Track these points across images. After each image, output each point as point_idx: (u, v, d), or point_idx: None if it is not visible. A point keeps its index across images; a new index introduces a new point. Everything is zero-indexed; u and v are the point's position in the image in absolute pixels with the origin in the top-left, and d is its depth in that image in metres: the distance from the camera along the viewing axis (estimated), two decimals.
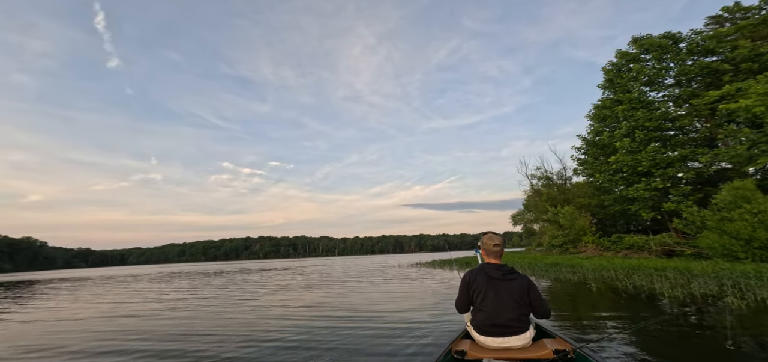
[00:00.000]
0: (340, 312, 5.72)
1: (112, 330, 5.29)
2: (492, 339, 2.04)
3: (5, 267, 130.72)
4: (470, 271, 2.24)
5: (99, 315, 6.98)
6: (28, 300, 11.36)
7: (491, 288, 2.08)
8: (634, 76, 16.93)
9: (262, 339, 4.22)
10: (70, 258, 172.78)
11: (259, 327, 4.87)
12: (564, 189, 23.89)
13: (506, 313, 2.01)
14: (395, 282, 10.65)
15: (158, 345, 4.16)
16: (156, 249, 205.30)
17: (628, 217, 19.07)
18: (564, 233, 17.89)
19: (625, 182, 16.10)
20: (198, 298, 8.68)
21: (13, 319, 7.10)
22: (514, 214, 37.54)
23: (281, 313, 5.85)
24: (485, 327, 2.07)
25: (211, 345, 4.02)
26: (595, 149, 19.20)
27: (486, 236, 2.31)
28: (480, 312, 2.10)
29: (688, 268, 7.21)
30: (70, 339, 4.76)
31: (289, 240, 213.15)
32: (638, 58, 17.36)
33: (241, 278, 16.39)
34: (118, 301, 9.27)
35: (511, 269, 2.16)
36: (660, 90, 16.67)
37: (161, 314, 6.44)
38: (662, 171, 14.15)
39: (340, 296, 7.92)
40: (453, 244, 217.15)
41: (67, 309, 8.06)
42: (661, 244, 12.38)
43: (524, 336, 2.02)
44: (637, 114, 15.82)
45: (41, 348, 4.28)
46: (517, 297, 2.05)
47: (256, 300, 7.72)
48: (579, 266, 10.10)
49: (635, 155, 15.13)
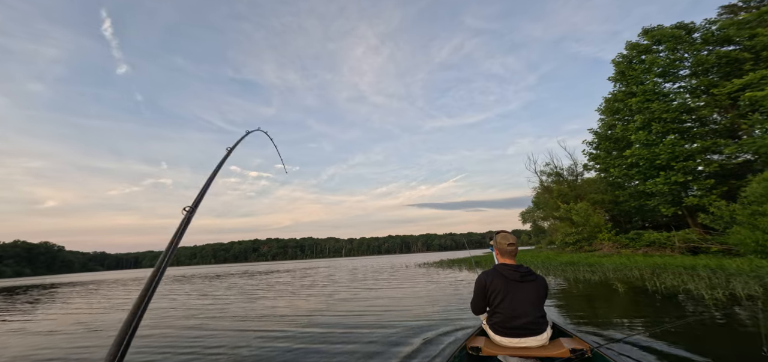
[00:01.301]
0: (355, 313, 5.52)
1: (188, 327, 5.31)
2: (509, 339, 2.05)
3: (25, 271, 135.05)
4: (485, 273, 2.23)
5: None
6: (71, 299, 12.04)
7: (509, 290, 2.08)
8: (646, 67, 16.39)
9: (278, 337, 4.23)
10: (87, 262, 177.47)
11: (275, 329, 4.70)
12: (575, 185, 23.28)
13: (525, 315, 2.03)
14: (406, 282, 10.40)
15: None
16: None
17: (645, 213, 18.40)
18: (577, 230, 17.33)
19: (642, 177, 15.49)
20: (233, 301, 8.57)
21: (68, 314, 7.50)
22: (523, 211, 36.84)
23: (296, 314, 5.69)
24: (502, 328, 2.08)
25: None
26: (607, 143, 18.61)
27: (500, 235, 2.28)
28: (497, 313, 2.10)
29: (722, 266, 6.76)
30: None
31: (296, 242, 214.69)
32: (650, 50, 16.87)
33: (266, 280, 16.39)
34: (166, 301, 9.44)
35: (529, 270, 2.15)
36: (675, 81, 16.03)
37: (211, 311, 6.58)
38: (682, 164, 13.53)
39: (353, 298, 7.71)
40: (460, 243, 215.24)
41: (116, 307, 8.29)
42: (685, 240, 11.80)
43: (542, 337, 2.03)
44: (652, 106, 15.26)
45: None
46: (535, 299, 2.07)
47: (273, 301, 7.56)
48: (598, 264, 9.67)
49: (652, 147, 14.54)
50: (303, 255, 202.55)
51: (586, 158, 21.01)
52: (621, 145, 18.00)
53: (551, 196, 23.49)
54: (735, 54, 14.14)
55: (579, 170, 23.68)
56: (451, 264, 19.47)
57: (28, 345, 4.67)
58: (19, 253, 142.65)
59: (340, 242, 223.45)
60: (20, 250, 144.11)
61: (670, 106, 14.84)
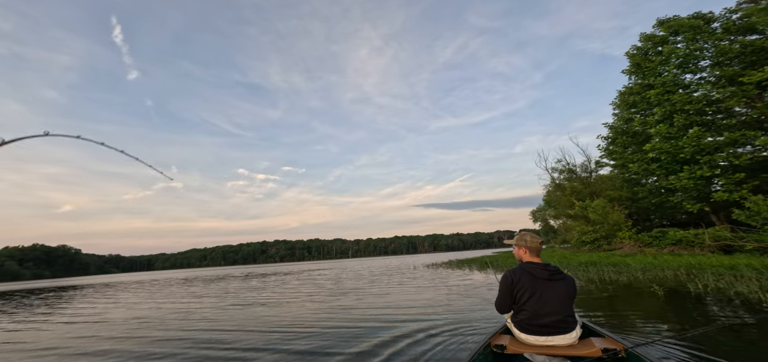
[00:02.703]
0: (369, 314, 5.26)
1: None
2: (535, 337, 2.02)
3: (44, 274, 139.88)
4: (511, 271, 2.19)
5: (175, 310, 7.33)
6: (97, 299, 12.33)
7: (538, 288, 2.05)
8: (664, 58, 15.77)
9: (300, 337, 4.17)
10: (103, 264, 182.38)
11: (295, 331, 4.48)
12: (589, 182, 22.58)
13: (553, 313, 1.99)
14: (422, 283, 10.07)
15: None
16: (179, 254, 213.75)
17: (665, 210, 17.62)
18: (594, 228, 16.66)
19: (664, 172, 14.77)
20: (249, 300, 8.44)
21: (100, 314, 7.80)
22: (534, 210, 35.97)
23: (311, 317, 5.46)
24: (528, 326, 2.05)
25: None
26: (624, 138, 17.92)
27: (528, 234, 2.25)
28: (523, 311, 2.08)
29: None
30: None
31: (303, 244, 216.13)
32: (666, 41, 16.30)
33: (279, 280, 16.33)
34: (195, 299, 9.80)
35: (558, 269, 2.12)
36: (696, 72, 15.33)
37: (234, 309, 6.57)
38: (709, 157, 12.80)
39: (365, 298, 7.44)
40: (468, 243, 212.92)
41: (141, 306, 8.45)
42: (716, 238, 11.11)
43: (570, 336, 2.00)
44: (673, 97, 14.58)
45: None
46: (565, 298, 2.03)
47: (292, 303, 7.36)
48: (623, 264, 9.14)
49: (675, 141, 13.83)
50: (310, 257, 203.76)
51: (600, 153, 20.47)
52: (639, 139, 17.32)
53: (564, 193, 22.81)
54: (761, 42, 13.42)
55: (592, 167, 23.02)
56: (460, 265, 19.03)
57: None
58: (39, 256, 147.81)
59: (346, 243, 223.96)
60: (39, 253, 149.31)
61: (692, 97, 14.16)
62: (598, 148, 20.05)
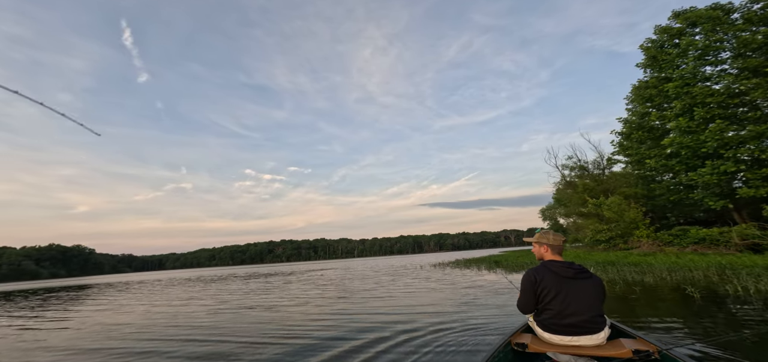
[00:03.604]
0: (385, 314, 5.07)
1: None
2: (560, 337, 1.96)
3: (60, 273, 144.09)
4: (533, 269, 2.12)
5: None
6: (119, 297, 12.55)
7: (563, 286, 1.99)
8: (682, 50, 15.20)
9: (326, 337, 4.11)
10: (116, 264, 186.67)
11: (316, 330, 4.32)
12: (601, 179, 21.97)
13: (579, 313, 1.93)
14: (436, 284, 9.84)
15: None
16: (189, 254, 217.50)
17: (683, 207, 16.97)
18: (610, 227, 16.12)
19: (684, 167, 14.17)
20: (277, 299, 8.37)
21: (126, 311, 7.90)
22: (544, 208, 35.24)
23: (329, 314, 5.31)
24: (553, 325, 1.99)
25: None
26: (640, 133, 17.30)
27: (550, 232, 2.22)
28: (547, 310, 2.02)
29: None
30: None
31: (309, 243, 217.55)
32: (683, 33, 15.71)
33: (282, 280, 16.33)
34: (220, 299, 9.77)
35: (583, 268, 2.05)
36: (717, 64, 14.69)
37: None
38: (733, 152, 12.19)
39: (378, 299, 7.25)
40: (474, 242, 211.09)
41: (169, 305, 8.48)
42: (743, 236, 10.55)
43: (599, 336, 1.92)
44: (693, 90, 13.99)
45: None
46: (593, 298, 1.97)
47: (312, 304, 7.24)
48: (645, 264, 8.73)
49: (696, 135, 13.24)
50: (316, 256, 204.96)
51: (613, 149, 19.87)
52: (656, 134, 16.72)
53: (576, 191, 22.23)
54: None
55: (604, 164, 22.41)
56: (468, 264, 18.70)
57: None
58: (55, 256, 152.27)
59: (352, 242, 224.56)
60: (55, 253, 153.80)
61: (714, 90, 13.56)
62: (611, 143, 19.48)
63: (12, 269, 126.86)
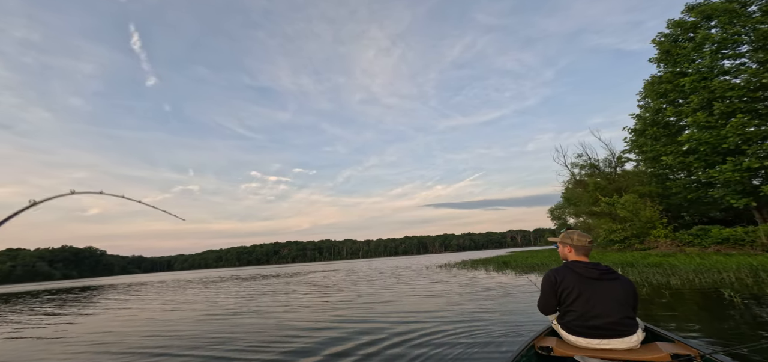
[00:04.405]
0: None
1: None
2: (587, 340, 1.88)
3: (72, 274, 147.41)
4: (554, 270, 2.08)
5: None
6: (140, 297, 12.72)
7: (586, 287, 1.93)
8: (698, 44, 14.75)
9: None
10: (126, 265, 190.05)
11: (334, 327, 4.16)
12: (613, 178, 21.46)
13: (606, 315, 1.85)
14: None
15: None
16: (197, 256, 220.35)
17: (700, 206, 16.41)
18: (624, 226, 15.66)
19: (703, 164, 13.68)
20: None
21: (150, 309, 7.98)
22: (552, 208, 34.62)
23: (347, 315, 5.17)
24: (578, 328, 1.92)
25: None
26: (655, 129, 16.82)
27: (575, 232, 2.15)
28: (571, 312, 1.95)
29: None
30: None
31: (314, 244, 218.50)
32: (698, 26, 15.27)
33: (282, 282, 16.31)
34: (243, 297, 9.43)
35: (610, 268, 1.99)
36: (736, 57, 14.18)
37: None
38: (756, 147, 11.70)
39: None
40: (480, 243, 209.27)
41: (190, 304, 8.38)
42: None
43: (631, 339, 1.83)
44: (712, 84, 13.53)
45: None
46: (620, 298, 1.88)
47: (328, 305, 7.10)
48: (667, 265, 8.37)
49: (717, 130, 12.76)
50: (321, 257, 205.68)
51: (626, 146, 19.38)
52: (672, 130, 16.24)
53: (587, 190, 21.74)
54: None
55: (615, 162, 21.91)
56: (475, 265, 18.38)
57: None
58: (67, 257, 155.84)
59: (357, 243, 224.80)
60: (68, 254, 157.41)
61: (734, 83, 13.07)
62: (624, 140, 19.00)
63: (26, 270, 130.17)
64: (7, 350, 5.10)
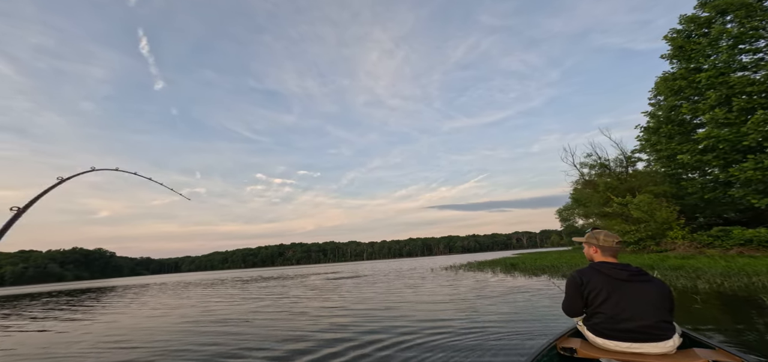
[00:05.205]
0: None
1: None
2: (615, 343, 1.81)
3: (83, 275, 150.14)
4: (579, 271, 2.02)
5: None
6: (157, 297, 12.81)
7: (615, 289, 1.85)
8: (713, 39, 14.32)
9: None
10: (135, 267, 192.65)
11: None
12: (625, 178, 20.96)
13: (638, 318, 1.77)
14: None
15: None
16: (203, 257, 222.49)
17: (718, 206, 15.86)
18: (639, 227, 15.21)
19: (722, 162, 13.21)
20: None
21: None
22: (560, 209, 33.99)
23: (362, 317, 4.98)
24: (606, 330, 1.84)
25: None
26: (669, 127, 16.36)
27: (601, 232, 2.06)
28: (599, 314, 1.88)
29: None
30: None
31: (319, 246, 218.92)
32: (712, 21, 14.85)
33: (281, 284, 16.20)
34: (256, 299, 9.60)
35: (641, 270, 1.91)
36: (755, 52, 13.71)
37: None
38: None
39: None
40: (485, 245, 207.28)
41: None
42: None
43: (666, 344, 1.73)
44: (730, 79, 13.10)
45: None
46: (654, 301, 1.80)
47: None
48: (688, 268, 8.01)
49: (737, 127, 12.31)
50: (326, 259, 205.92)
51: (638, 145, 18.92)
52: (687, 128, 15.77)
53: (597, 190, 21.26)
54: None
55: (628, 160, 21.39)
56: (481, 267, 18.05)
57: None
58: (78, 259, 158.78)
59: (361, 245, 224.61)
60: (79, 256, 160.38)
61: (754, 79, 12.62)
62: (637, 139, 18.54)
63: (38, 271, 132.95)
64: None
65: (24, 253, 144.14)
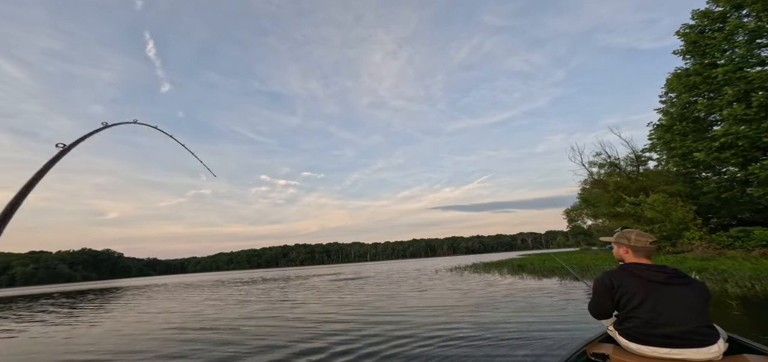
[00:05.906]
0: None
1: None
2: (653, 349, 1.68)
3: (92, 276, 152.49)
4: (610, 273, 1.88)
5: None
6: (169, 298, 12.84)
7: (652, 292, 1.72)
8: (729, 33, 13.73)
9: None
10: (142, 267, 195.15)
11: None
12: (636, 177, 20.28)
13: (678, 323, 1.64)
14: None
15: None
16: (209, 258, 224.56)
17: (735, 205, 15.16)
18: (653, 228, 14.59)
19: (741, 160, 12.57)
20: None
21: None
22: (568, 209, 33.22)
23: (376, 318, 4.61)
24: (642, 336, 1.71)
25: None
26: (684, 124, 15.73)
27: (633, 232, 1.91)
28: (633, 318, 1.75)
29: None
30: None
31: (322, 247, 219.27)
32: (726, 15, 14.28)
33: (280, 286, 15.91)
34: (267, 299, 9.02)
35: (678, 272, 1.77)
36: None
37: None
38: None
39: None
40: (489, 246, 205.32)
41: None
42: None
43: (710, 350, 1.60)
44: (749, 73, 12.48)
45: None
46: (694, 305, 1.67)
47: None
48: (712, 270, 7.48)
49: (757, 123, 11.69)
50: (329, 260, 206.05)
51: (650, 143, 18.31)
52: (703, 125, 15.13)
53: (607, 190, 20.61)
54: None
55: (637, 160, 20.73)
56: (487, 268, 17.63)
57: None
58: (87, 259, 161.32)
59: (365, 246, 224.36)
60: (87, 257, 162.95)
61: None
62: (648, 137, 17.93)
63: (48, 272, 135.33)
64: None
65: (34, 254, 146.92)
